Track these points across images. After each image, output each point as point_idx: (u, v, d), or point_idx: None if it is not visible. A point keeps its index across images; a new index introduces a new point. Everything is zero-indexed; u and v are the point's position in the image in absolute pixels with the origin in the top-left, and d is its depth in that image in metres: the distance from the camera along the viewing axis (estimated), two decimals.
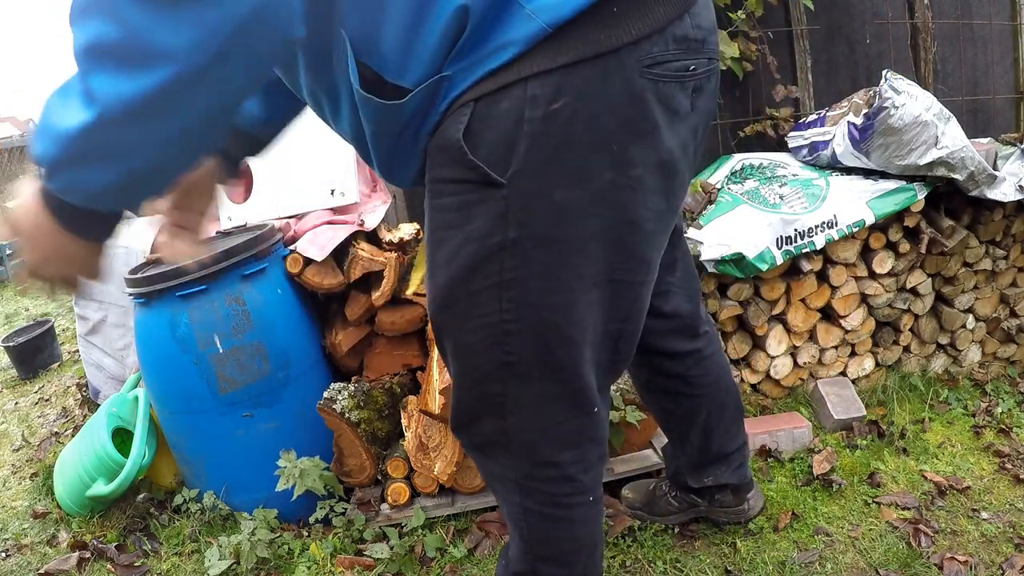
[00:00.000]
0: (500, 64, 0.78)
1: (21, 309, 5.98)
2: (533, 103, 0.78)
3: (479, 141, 0.81)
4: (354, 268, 2.00)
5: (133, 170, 0.73)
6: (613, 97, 0.79)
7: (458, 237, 0.87)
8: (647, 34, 0.78)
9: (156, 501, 2.14)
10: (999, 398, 2.21)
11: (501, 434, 1.00)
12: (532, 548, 1.11)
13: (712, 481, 1.59)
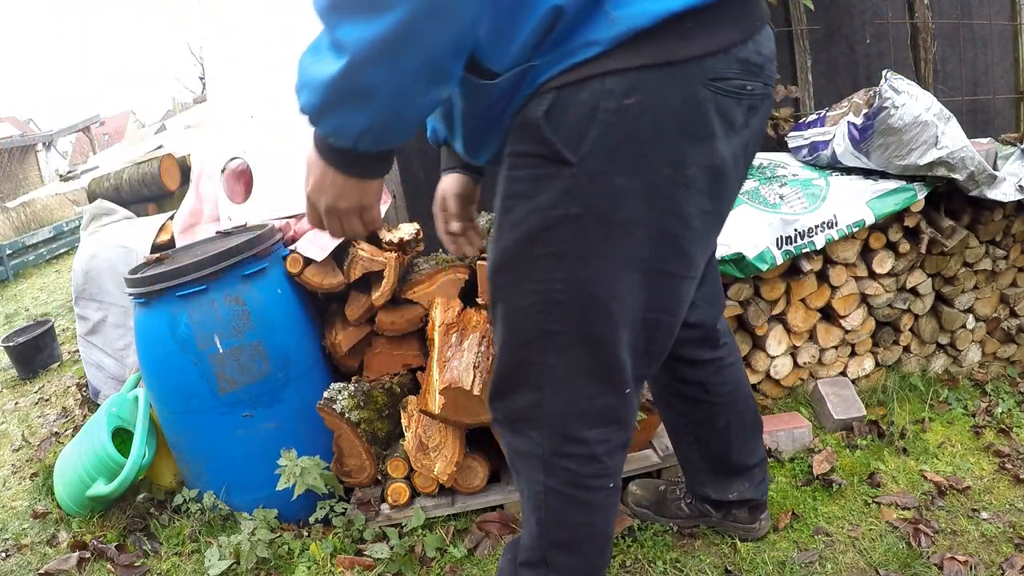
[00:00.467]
0: (584, 59, 0.88)
1: (21, 309, 5.98)
2: (608, 96, 0.88)
3: (557, 123, 0.90)
4: (354, 268, 2.00)
5: (386, 108, 0.84)
6: (678, 101, 0.89)
7: (526, 206, 0.96)
8: (714, 51, 0.88)
9: (156, 501, 2.14)
10: (999, 398, 2.21)
11: (535, 407, 1.06)
12: (548, 533, 1.14)
13: (736, 496, 1.60)
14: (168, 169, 3.03)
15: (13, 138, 17.33)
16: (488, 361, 1.79)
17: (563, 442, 1.07)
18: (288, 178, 2.26)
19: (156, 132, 5.90)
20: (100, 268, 2.44)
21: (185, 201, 2.47)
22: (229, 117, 2.38)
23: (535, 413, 1.07)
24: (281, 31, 2.32)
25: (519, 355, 1.05)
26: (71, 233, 8.90)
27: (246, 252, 1.90)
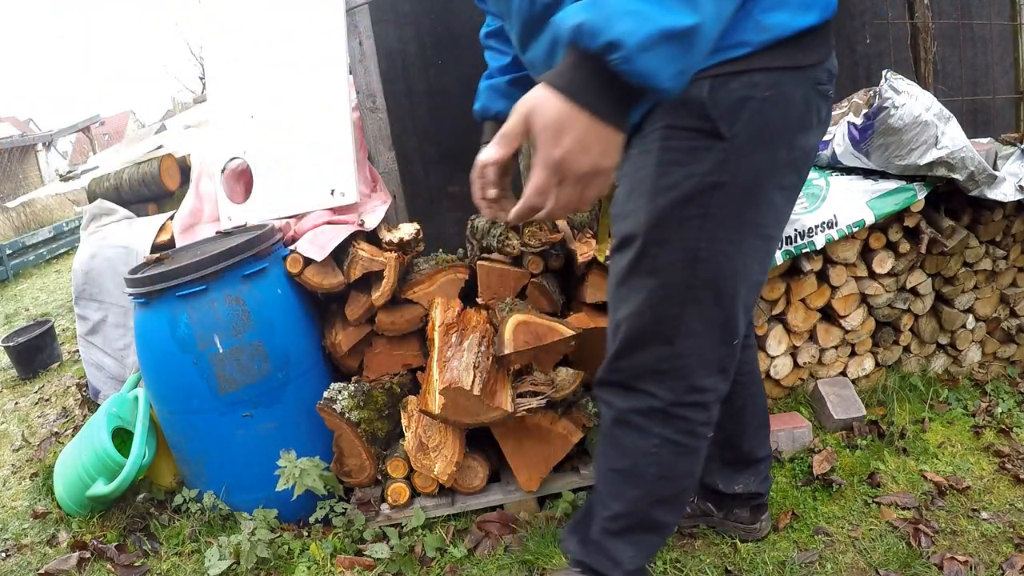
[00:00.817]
0: (737, 56, 1.04)
1: (21, 309, 5.98)
2: (755, 88, 1.05)
3: (716, 104, 1.06)
4: (354, 268, 2.00)
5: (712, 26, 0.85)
6: (799, 98, 1.09)
7: (682, 172, 1.09)
8: (819, 62, 1.09)
9: (156, 501, 2.14)
10: (999, 398, 2.21)
11: (664, 360, 1.17)
12: (654, 490, 1.25)
13: (742, 489, 1.62)
14: (168, 169, 3.03)
15: (13, 138, 17.33)
16: (488, 361, 1.79)
17: (686, 391, 1.19)
18: (288, 178, 2.26)
19: (156, 132, 5.89)
20: (100, 268, 2.44)
21: (185, 201, 2.47)
22: (229, 117, 2.38)
23: (664, 365, 1.18)
24: (281, 31, 2.31)
25: (659, 310, 1.16)
26: (71, 233, 8.90)
27: (246, 252, 1.90)
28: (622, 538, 1.28)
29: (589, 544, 1.32)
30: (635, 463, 1.24)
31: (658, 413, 1.20)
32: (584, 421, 1.86)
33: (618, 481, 1.27)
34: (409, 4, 2.32)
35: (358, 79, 2.33)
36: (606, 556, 1.29)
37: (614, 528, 1.28)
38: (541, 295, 2.01)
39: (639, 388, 1.20)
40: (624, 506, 1.27)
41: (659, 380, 1.19)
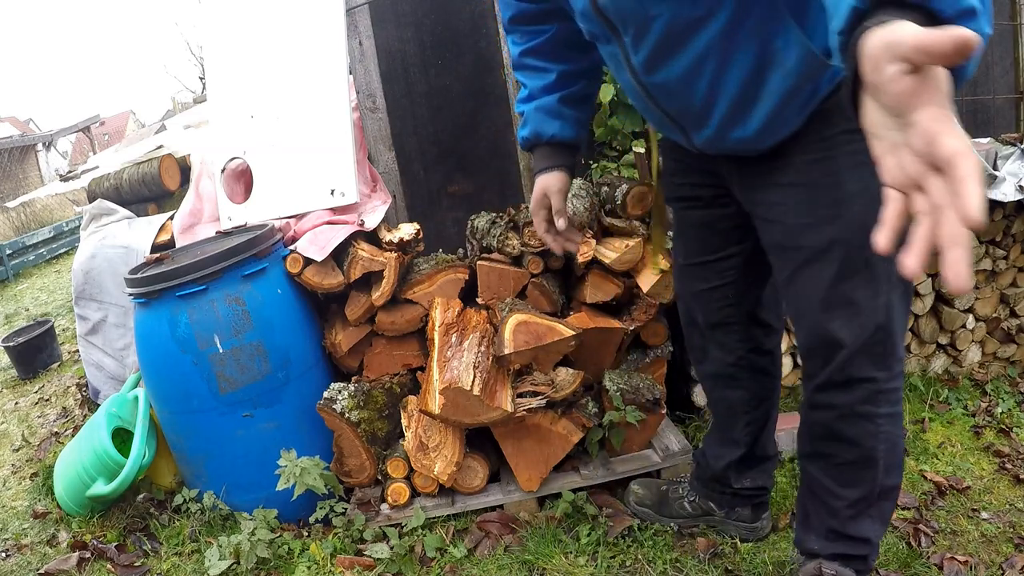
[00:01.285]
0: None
1: (21, 309, 5.98)
2: None
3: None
4: (354, 268, 2.00)
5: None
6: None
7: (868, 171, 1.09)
8: None
9: (156, 501, 2.14)
10: (999, 398, 2.21)
11: (879, 343, 1.22)
12: (882, 463, 1.28)
13: (750, 483, 1.64)
14: (168, 169, 3.03)
15: (13, 138, 17.34)
16: (488, 361, 1.79)
17: (896, 363, 1.25)
18: (288, 178, 2.26)
19: (156, 132, 5.89)
20: (100, 268, 2.44)
21: (185, 201, 2.47)
22: (229, 117, 2.38)
23: (879, 348, 1.22)
24: (281, 31, 2.31)
25: (876, 302, 1.20)
26: (71, 233, 8.89)
27: (246, 252, 1.90)
28: (866, 517, 1.32)
29: (834, 535, 1.35)
30: (866, 449, 1.28)
31: (880, 394, 1.25)
32: (584, 421, 1.86)
33: (851, 471, 1.31)
34: (409, 4, 2.32)
35: (358, 79, 2.33)
36: (857, 539, 1.33)
37: (854, 512, 1.32)
38: (541, 295, 2.01)
39: (860, 378, 1.24)
40: (862, 490, 1.31)
41: (877, 363, 1.23)
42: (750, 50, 1.08)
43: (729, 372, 1.57)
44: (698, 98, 1.17)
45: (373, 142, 2.37)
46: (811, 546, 1.39)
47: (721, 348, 1.56)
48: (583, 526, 1.78)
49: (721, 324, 1.53)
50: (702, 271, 1.50)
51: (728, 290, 1.48)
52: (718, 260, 1.47)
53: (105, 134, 31.86)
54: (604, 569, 1.64)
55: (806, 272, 1.23)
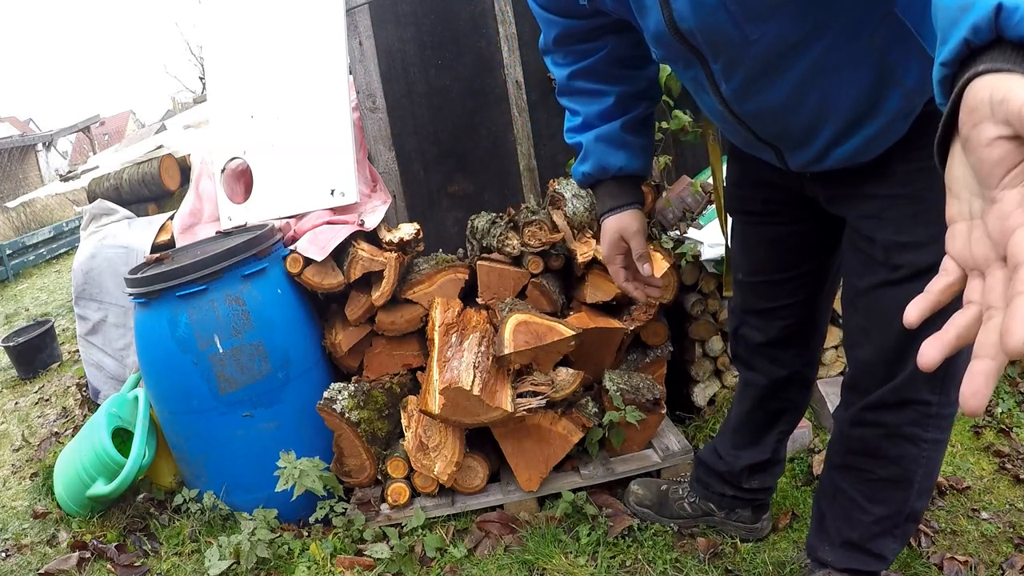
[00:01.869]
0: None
1: (21, 309, 5.98)
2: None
3: None
4: (354, 268, 2.00)
5: None
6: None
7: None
8: None
9: (156, 501, 2.14)
10: (999, 398, 2.21)
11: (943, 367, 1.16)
12: (918, 487, 1.24)
13: (758, 484, 1.63)
14: (168, 169, 3.03)
15: (13, 138, 17.34)
16: (488, 361, 1.79)
17: (953, 388, 1.16)
18: (288, 178, 2.26)
19: (156, 132, 5.89)
20: (100, 268, 2.44)
21: (185, 201, 2.47)
22: (229, 117, 2.38)
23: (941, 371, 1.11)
24: (281, 31, 2.31)
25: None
26: (71, 233, 8.89)
27: (246, 252, 1.90)
28: (888, 536, 1.29)
29: (852, 548, 1.32)
30: (904, 469, 1.24)
31: (931, 419, 1.19)
32: (584, 421, 1.86)
33: (883, 488, 1.27)
34: (409, 4, 2.32)
35: (358, 79, 2.33)
36: (871, 555, 1.30)
37: (879, 530, 1.29)
38: (541, 295, 2.01)
39: (915, 400, 1.19)
40: (889, 508, 1.27)
41: (935, 387, 1.17)
42: (864, 65, 0.96)
43: (779, 386, 1.51)
44: (801, 123, 1.04)
45: (373, 142, 2.37)
46: (823, 556, 1.36)
47: (774, 362, 1.48)
48: (583, 526, 1.78)
49: (779, 342, 1.45)
50: (768, 289, 1.40)
51: (794, 309, 1.40)
52: (789, 280, 1.37)
53: (105, 134, 31.87)
54: (604, 569, 1.64)
55: (896, 290, 1.11)
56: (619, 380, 1.93)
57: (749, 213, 1.37)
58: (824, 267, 1.36)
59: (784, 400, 1.54)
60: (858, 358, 1.23)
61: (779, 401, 1.54)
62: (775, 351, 1.46)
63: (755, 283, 1.42)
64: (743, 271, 1.44)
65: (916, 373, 1.15)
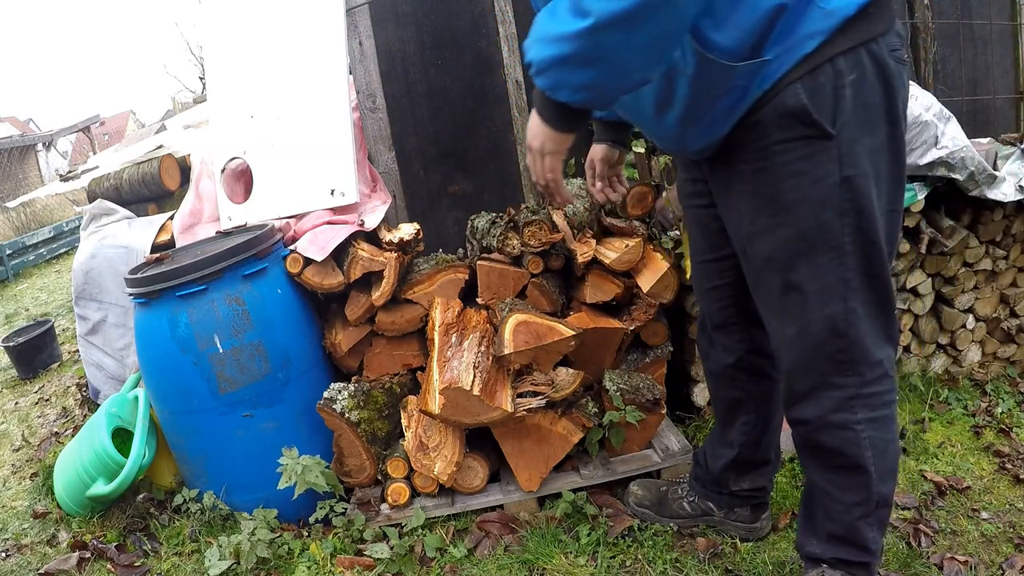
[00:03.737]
0: (812, 49, 1.08)
1: (21, 309, 5.98)
2: (840, 75, 1.09)
3: (814, 106, 1.11)
4: (354, 268, 2.00)
5: (605, 74, 1.05)
6: (880, 69, 1.11)
7: (807, 179, 1.15)
8: (887, 29, 1.12)
9: (156, 501, 2.14)
10: (999, 398, 2.21)
11: (842, 351, 1.23)
12: (873, 470, 1.28)
13: (748, 485, 1.64)
14: (168, 169, 3.03)
15: (13, 138, 17.34)
16: (488, 361, 1.79)
17: (868, 369, 1.24)
18: (288, 178, 2.26)
19: (156, 132, 5.89)
20: (100, 268, 2.44)
21: (185, 201, 2.47)
22: (229, 117, 2.38)
23: (844, 356, 1.23)
24: (281, 31, 2.31)
25: (827, 310, 1.21)
26: (71, 233, 8.89)
27: (246, 252, 1.90)
28: (864, 523, 1.32)
29: (836, 540, 1.36)
30: (850, 456, 1.28)
31: (854, 400, 1.25)
32: (584, 421, 1.86)
33: (842, 477, 1.32)
34: (409, 4, 2.32)
35: (358, 79, 2.33)
36: (854, 545, 1.34)
37: (853, 518, 1.33)
38: (541, 295, 2.01)
39: (826, 386, 1.26)
40: (857, 496, 1.31)
41: (843, 371, 1.24)
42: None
43: (729, 373, 1.57)
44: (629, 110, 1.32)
45: (373, 142, 2.37)
46: (812, 550, 1.39)
47: (722, 348, 1.56)
48: (583, 526, 1.78)
49: (723, 325, 1.54)
50: (705, 269, 1.52)
51: (727, 290, 1.49)
52: (717, 260, 1.48)
53: (105, 134, 31.87)
54: (604, 569, 1.64)
55: (760, 280, 1.27)
56: (619, 380, 1.93)
57: (686, 195, 1.52)
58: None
59: (737, 388, 1.58)
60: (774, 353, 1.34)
61: (731, 388, 1.59)
62: (720, 335, 1.56)
63: (697, 263, 1.55)
64: (691, 252, 1.58)
65: (814, 362, 1.25)
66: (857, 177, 1.14)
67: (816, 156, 1.14)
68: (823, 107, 1.10)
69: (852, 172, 1.14)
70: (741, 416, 1.59)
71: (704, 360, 1.65)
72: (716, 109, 1.17)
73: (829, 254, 1.19)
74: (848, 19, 1.07)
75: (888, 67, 1.12)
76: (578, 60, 1.03)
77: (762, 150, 1.18)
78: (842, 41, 1.08)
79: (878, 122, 1.14)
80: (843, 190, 1.14)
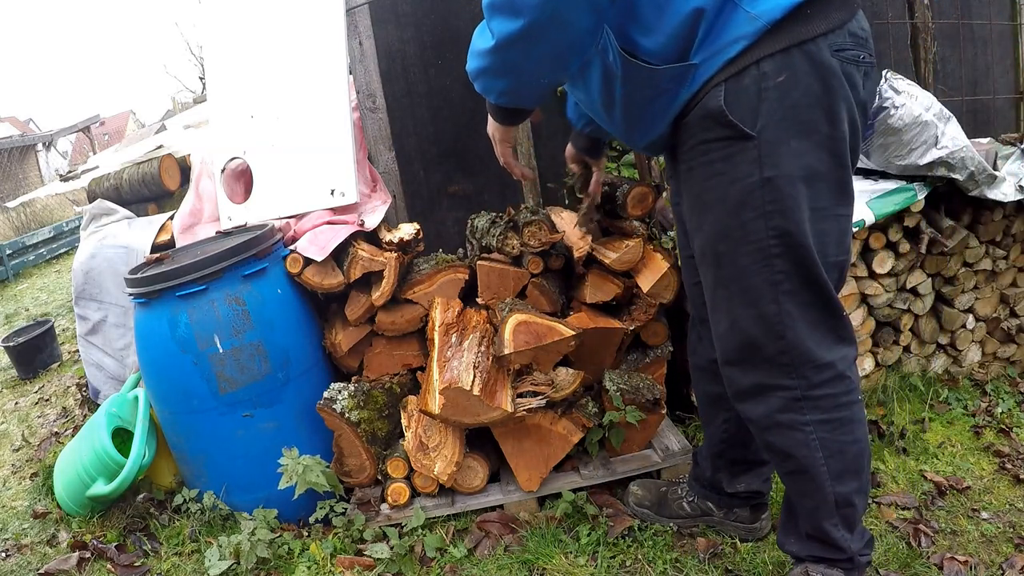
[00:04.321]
0: (737, 53, 1.10)
1: (21, 309, 5.98)
2: (765, 78, 1.10)
3: (733, 108, 1.12)
4: (354, 268, 2.00)
5: (518, 80, 1.21)
6: (817, 70, 1.10)
7: (726, 180, 1.17)
8: (832, 28, 1.10)
9: (156, 501, 2.14)
10: (999, 398, 2.21)
11: (783, 352, 1.22)
12: (828, 470, 1.27)
13: (744, 487, 1.63)
14: (168, 169, 3.03)
15: (13, 138, 17.33)
16: (488, 361, 1.79)
17: (815, 371, 1.23)
18: (288, 178, 2.26)
19: (156, 132, 5.89)
20: (100, 268, 2.44)
21: (185, 201, 2.47)
22: (229, 117, 2.38)
23: (784, 358, 1.23)
24: (281, 31, 2.31)
25: (755, 310, 1.22)
26: (71, 233, 8.89)
27: (246, 252, 1.90)
28: (828, 524, 1.32)
29: (807, 540, 1.37)
30: (802, 457, 1.28)
31: (802, 401, 1.24)
32: (584, 421, 1.86)
33: (798, 478, 1.32)
34: (409, 4, 2.32)
35: (358, 79, 2.33)
36: (827, 544, 1.34)
37: (817, 518, 1.33)
38: (541, 295, 2.01)
39: (770, 387, 1.26)
40: (814, 499, 1.32)
41: (786, 372, 1.23)
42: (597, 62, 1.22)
43: (711, 368, 1.56)
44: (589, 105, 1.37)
45: (373, 142, 2.37)
46: (790, 548, 1.41)
47: (704, 341, 1.57)
48: (583, 526, 1.78)
49: (705, 319, 1.53)
50: (689, 266, 1.53)
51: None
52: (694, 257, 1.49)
53: (105, 134, 31.87)
54: (604, 569, 1.64)
55: (702, 275, 1.30)
56: (619, 380, 1.93)
57: (672, 193, 1.53)
58: None
59: (717, 383, 1.56)
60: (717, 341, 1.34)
61: (712, 383, 1.58)
62: (705, 330, 1.55)
63: (684, 259, 1.56)
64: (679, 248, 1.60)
65: (756, 362, 1.25)
66: (779, 178, 1.13)
67: (735, 157, 1.15)
68: (743, 109, 1.11)
69: (773, 173, 1.13)
70: (722, 413, 1.60)
71: (691, 355, 1.65)
72: (652, 109, 1.22)
73: (753, 255, 1.19)
74: (775, 22, 1.07)
75: (828, 67, 1.11)
76: (493, 71, 1.21)
77: (690, 150, 1.21)
78: (770, 44, 1.09)
79: (813, 123, 1.12)
80: (765, 191, 1.14)
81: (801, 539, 1.38)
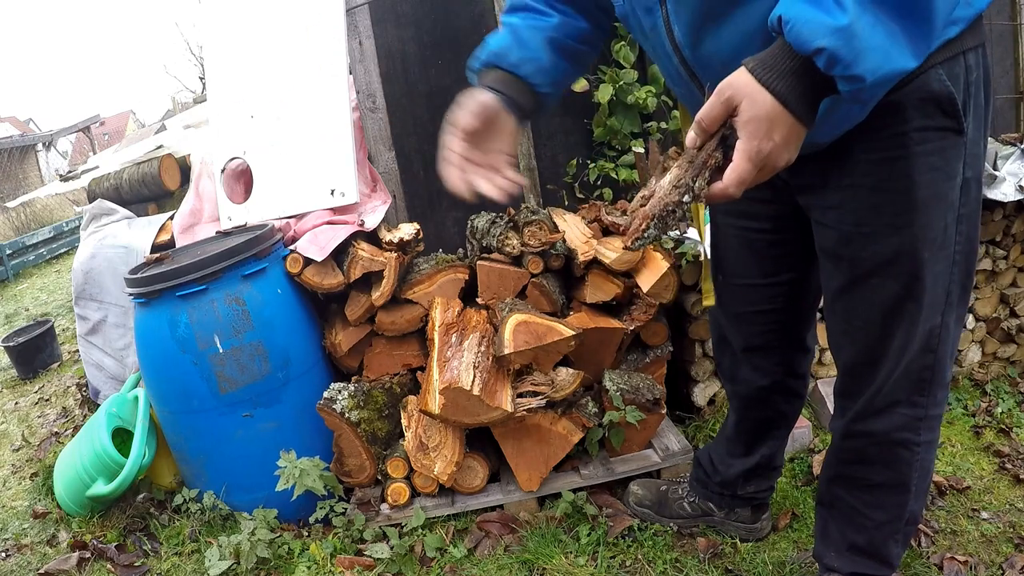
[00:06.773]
0: (953, 36, 0.97)
1: (21, 309, 5.98)
2: (969, 71, 1.01)
3: (960, 97, 1.01)
4: (354, 268, 2.00)
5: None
6: (987, 75, 1.04)
7: (941, 177, 1.04)
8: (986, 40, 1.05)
9: (156, 501, 2.14)
10: (999, 398, 2.21)
11: (927, 369, 1.15)
12: (916, 488, 1.24)
13: (754, 488, 1.63)
14: (168, 169, 3.03)
15: (13, 138, 17.34)
16: (488, 361, 1.79)
17: (941, 390, 1.17)
18: (288, 178, 2.26)
19: (156, 132, 5.89)
20: (100, 268, 2.44)
21: (185, 201, 2.47)
22: (229, 117, 2.38)
23: (927, 374, 1.15)
24: (281, 31, 2.31)
25: (927, 325, 1.12)
26: (71, 233, 8.89)
27: (246, 252, 1.90)
28: (891, 540, 1.29)
29: (857, 553, 1.32)
30: (899, 474, 1.24)
31: (921, 421, 1.19)
32: (584, 421, 1.86)
33: (880, 494, 1.27)
34: (409, 4, 2.32)
35: (358, 79, 2.33)
36: (876, 560, 1.31)
37: (881, 535, 1.29)
38: (541, 295, 2.01)
39: (901, 402, 1.18)
40: (888, 514, 1.28)
41: (922, 390, 1.17)
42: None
43: (762, 395, 1.51)
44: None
45: (373, 142, 2.37)
46: (830, 562, 1.36)
47: (756, 370, 1.48)
48: (583, 526, 1.78)
49: (761, 348, 1.45)
50: (749, 293, 1.39)
51: (774, 315, 1.40)
52: (769, 285, 1.36)
53: (105, 134, 31.89)
54: (604, 569, 1.64)
55: (866, 285, 1.12)
56: (619, 380, 1.93)
57: (732, 214, 1.36)
58: (806, 278, 1.35)
59: (770, 409, 1.53)
60: (843, 362, 1.23)
61: (764, 410, 1.53)
62: (757, 358, 1.46)
63: (738, 286, 1.41)
64: (725, 272, 1.43)
65: (899, 377, 1.16)
66: (974, 181, 1.06)
67: (948, 151, 1.03)
68: (961, 100, 1.01)
69: (971, 174, 1.05)
70: (772, 433, 1.57)
71: (729, 382, 1.56)
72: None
73: (945, 263, 1.09)
74: (980, 14, 0.99)
75: (992, 75, 1.05)
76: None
77: (898, 137, 1.02)
78: (972, 37, 1.00)
79: (983, 126, 1.06)
80: (965, 194, 1.06)
81: (841, 554, 1.33)
